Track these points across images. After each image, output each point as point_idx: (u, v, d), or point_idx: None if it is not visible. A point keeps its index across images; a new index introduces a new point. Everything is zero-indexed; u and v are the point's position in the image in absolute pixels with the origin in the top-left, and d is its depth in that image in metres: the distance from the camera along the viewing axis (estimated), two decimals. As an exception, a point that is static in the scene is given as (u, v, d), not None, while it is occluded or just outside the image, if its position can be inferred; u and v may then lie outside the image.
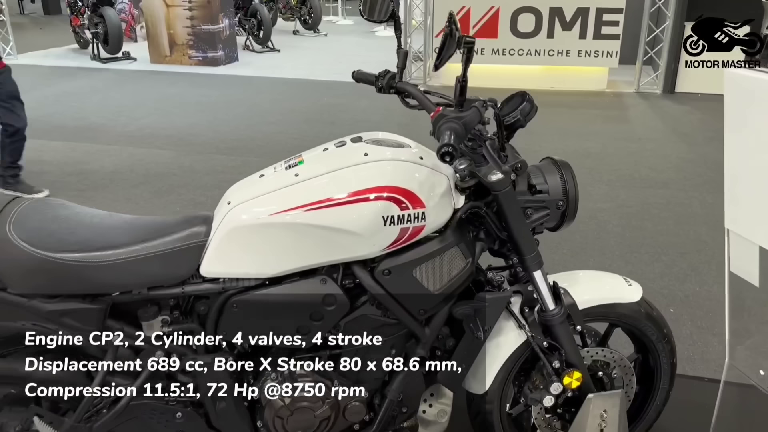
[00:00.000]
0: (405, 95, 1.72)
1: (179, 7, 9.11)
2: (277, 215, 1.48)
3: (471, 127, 1.41)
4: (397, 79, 1.73)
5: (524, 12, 7.53)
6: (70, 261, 1.44)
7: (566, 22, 7.49)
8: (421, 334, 1.62)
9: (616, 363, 1.94)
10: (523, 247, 1.65)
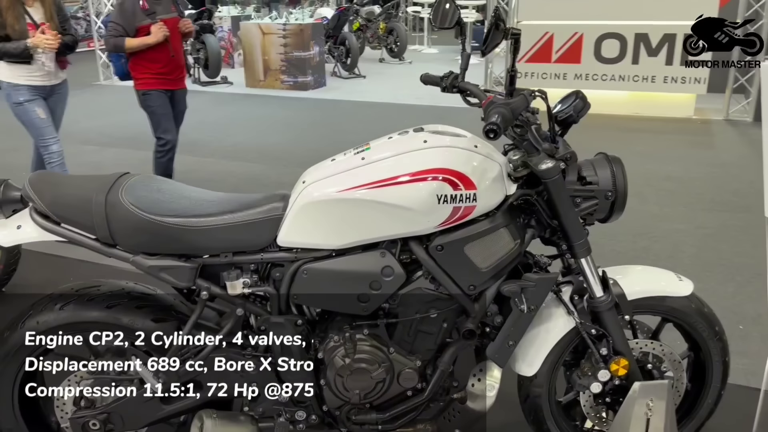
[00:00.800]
0: (467, 94, 1.89)
1: (274, 34, 9.69)
2: (344, 192, 1.67)
3: (518, 113, 1.55)
4: (459, 79, 1.90)
5: (608, 38, 7.54)
6: (169, 224, 1.69)
7: (652, 48, 7.43)
8: (470, 309, 1.76)
9: (665, 356, 1.99)
10: (572, 234, 1.77)
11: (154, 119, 4.43)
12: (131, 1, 4.06)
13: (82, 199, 1.69)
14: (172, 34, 4.19)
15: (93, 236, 1.71)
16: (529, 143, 1.67)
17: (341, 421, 1.86)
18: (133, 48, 4.12)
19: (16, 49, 3.59)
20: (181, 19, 4.34)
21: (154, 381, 1.73)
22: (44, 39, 3.62)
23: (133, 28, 4.09)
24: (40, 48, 3.65)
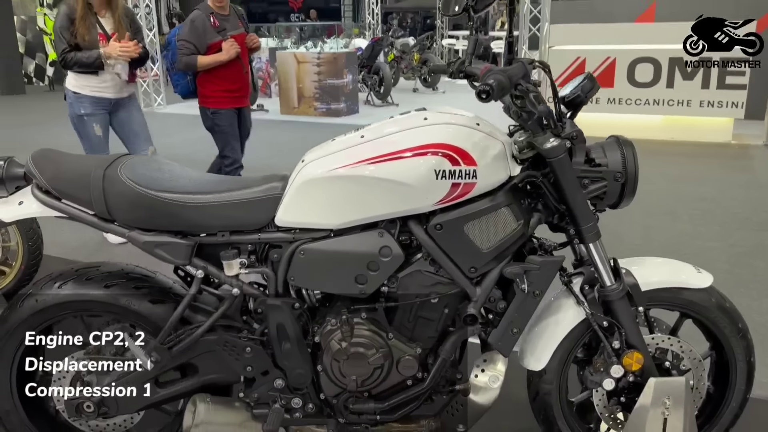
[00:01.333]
0: (473, 79, 1.85)
1: (309, 63, 9.86)
2: (342, 169, 1.64)
3: (515, 80, 1.50)
4: (466, 64, 1.87)
5: (642, 62, 7.45)
6: (166, 199, 1.68)
7: (687, 72, 7.30)
8: (471, 293, 1.69)
9: (684, 354, 1.88)
10: (579, 217, 1.69)
11: (221, 138, 4.40)
12: (201, 19, 4.08)
13: (81, 174, 1.70)
14: (241, 50, 4.19)
15: (91, 212, 1.71)
16: (531, 118, 1.61)
17: (338, 410, 1.79)
18: (205, 66, 4.11)
19: (88, 59, 3.55)
20: (247, 35, 4.33)
21: (146, 358, 1.70)
22: (119, 47, 3.58)
23: (204, 45, 4.09)
24: (113, 57, 3.61)
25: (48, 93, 13.36)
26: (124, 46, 3.58)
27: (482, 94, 1.41)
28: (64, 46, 3.48)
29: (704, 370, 1.91)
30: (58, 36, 3.52)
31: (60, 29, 3.51)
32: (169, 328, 1.72)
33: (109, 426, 1.90)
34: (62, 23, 3.51)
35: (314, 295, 1.79)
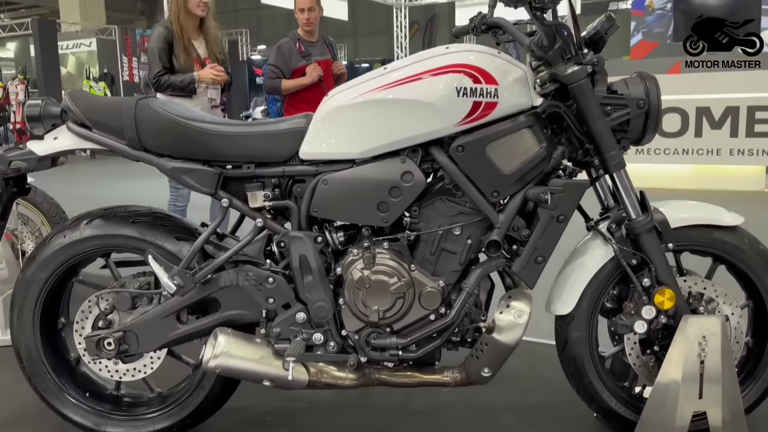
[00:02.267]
0: (495, 30, 1.90)
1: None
2: (364, 95, 1.68)
3: None
4: (488, 17, 1.93)
5: (669, 112, 7.48)
6: (194, 126, 1.72)
7: (715, 121, 7.31)
8: (494, 219, 1.67)
9: (719, 298, 1.81)
10: (603, 144, 1.69)
11: None
12: (288, 45, 4.22)
13: (115, 104, 1.76)
14: (325, 76, 4.22)
15: (123, 140, 1.76)
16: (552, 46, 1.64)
17: (360, 347, 1.75)
18: (288, 89, 4.23)
19: (182, 82, 3.60)
20: (333, 62, 4.36)
21: (169, 281, 1.69)
22: (212, 72, 3.65)
23: (290, 69, 4.21)
24: (206, 81, 3.67)
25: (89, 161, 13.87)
26: (217, 71, 3.66)
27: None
28: (159, 69, 3.53)
29: (741, 318, 1.82)
30: (153, 58, 3.57)
31: (156, 51, 3.56)
32: (193, 252, 1.73)
33: (129, 372, 1.87)
34: (159, 45, 3.56)
35: (337, 237, 1.79)
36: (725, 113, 7.29)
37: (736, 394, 1.74)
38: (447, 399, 2.19)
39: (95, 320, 1.84)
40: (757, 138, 7.17)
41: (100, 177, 9.95)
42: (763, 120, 7.13)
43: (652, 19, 13.28)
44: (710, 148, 7.39)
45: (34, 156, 1.78)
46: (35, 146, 1.80)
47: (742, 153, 7.28)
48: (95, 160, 13.57)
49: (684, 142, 7.47)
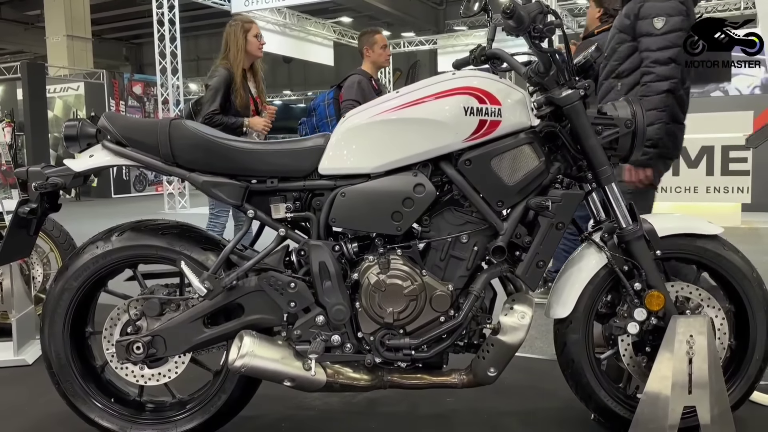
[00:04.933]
0: (494, 60, 2.09)
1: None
2: (379, 115, 1.86)
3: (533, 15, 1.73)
4: (487, 49, 2.12)
5: (646, 152, 7.79)
6: (223, 144, 1.88)
7: (691, 160, 7.63)
8: (499, 226, 1.84)
9: (704, 302, 1.97)
10: (595, 159, 1.87)
11: None
12: (366, 82, 4.40)
13: (150, 123, 1.92)
14: None
15: (157, 157, 1.90)
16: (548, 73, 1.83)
17: (375, 347, 1.87)
18: None
19: (233, 125, 3.72)
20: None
21: (199, 284, 1.82)
22: (263, 123, 3.83)
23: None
24: (256, 129, 3.83)
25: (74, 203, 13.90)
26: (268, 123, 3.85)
27: (506, 10, 1.65)
28: (216, 108, 3.65)
29: (724, 321, 1.98)
30: (212, 97, 3.69)
31: (216, 91, 3.69)
32: (222, 259, 1.87)
33: (153, 377, 1.97)
34: (219, 87, 3.70)
35: (352, 249, 1.93)
36: (701, 152, 7.61)
37: (722, 391, 1.88)
38: (453, 406, 2.31)
39: (124, 326, 1.95)
40: (732, 176, 7.49)
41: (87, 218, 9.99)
42: (736, 159, 7.46)
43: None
44: (687, 185, 7.69)
45: (71, 172, 1.91)
46: (72, 163, 1.93)
47: (718, 191, 7.58)
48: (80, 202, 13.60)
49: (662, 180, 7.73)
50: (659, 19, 2.46)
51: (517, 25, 1.70)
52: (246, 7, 11.85)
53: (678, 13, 2.48)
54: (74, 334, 2.01)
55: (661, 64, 2.47)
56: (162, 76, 11.54)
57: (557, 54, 1.82)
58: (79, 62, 17.25)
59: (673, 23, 2.47)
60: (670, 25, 2.47)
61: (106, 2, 21.31)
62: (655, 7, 2.49)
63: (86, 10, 17.93)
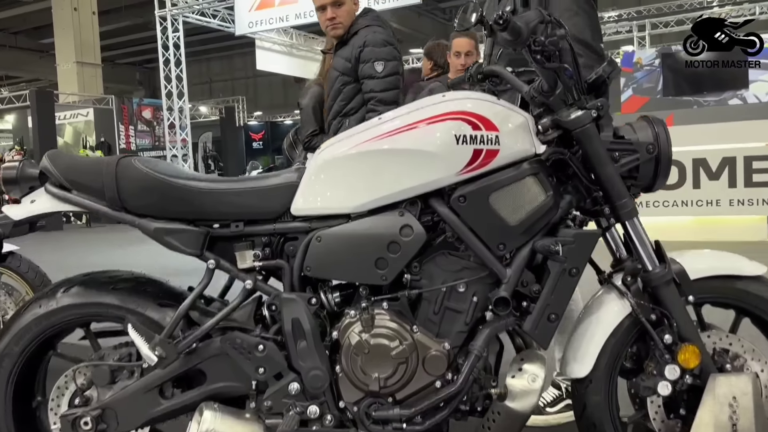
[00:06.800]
0: (493, 78, 1.83)
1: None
2: (358, 146, 1.59)
3: (531, 26, 1.47)
4: (484, 65, 1.87)
5: (666, 164, 7.47)
6: (178, 184, 1.63)
7: (712, 172, 7.30)
8: (501, 274, 1.56)
9: (746, 354, 1.68)
10: (612, 192, 1.60)
11: None
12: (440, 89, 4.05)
13: (94, 164, 1.68)
14: None
15: (103, 201, 1.66)
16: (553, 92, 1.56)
17: (360, 420, 1.60)
18: None
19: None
20: None
21: (149, 351, 1.56)
22: None
23: None
24: None
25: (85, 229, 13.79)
26: None
27: (499, 20, 1.38)
28: (314, 128, 3.45)
29: (772, 375, 1.68)
30: (308, 117, 3.51)
31: (311, 110, 3.49)
32: (176, 320, 1.61)
33: (107, 453, 1.71)
34: (315, 104, 3.49)
35: (333, 298, 1.66)
36: (722, 164, 7.28)
37: (773, 460, 1.58)
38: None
39: (72, 397, 1.70)
40: (756, 188, 7.14)
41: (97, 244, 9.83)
42: (760, 170, 7.12)
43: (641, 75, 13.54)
44: (709, 198, 7.35)
45: (9, 221, 1.68)
46: (11, 211, 1.70)
47: (741, 203, 7.23)
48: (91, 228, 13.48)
49: (682, 193, 7.43)
50: (379, 63, 2.73)
51: (514, 39, 1.44)
52: (250, 29, 11.71)
53: (393, 58, 2.80)
54: (20, 404, 1.76)
55: (385, 104, 2.71)
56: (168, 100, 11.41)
57: (564, 70, 1.54)
58: (89, 88, 17.27)
59: (391, 67, 2.77)
60: (389, 68, 2.76)
61: (118, 28, 21.44)
62: (374, 52, 2.75)
63: (96, 36, 17.97)
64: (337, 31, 2.90)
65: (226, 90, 29.15)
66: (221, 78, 30.69)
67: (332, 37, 2.95)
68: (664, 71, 12.62)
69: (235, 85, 29.83)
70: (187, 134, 11.67)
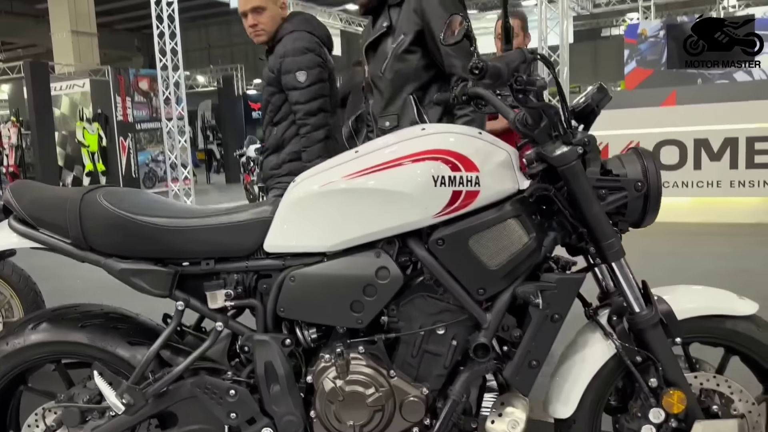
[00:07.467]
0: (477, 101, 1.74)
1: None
2: (333, 183, 1.52)
3: (513, 67, 1.39)
4: (469, 86, 1.77)
5: (667, 144, 7.36)
6: (145, 222, 1.56)
7: (714, 153, 7.18)
8: (481, 319, 1.50)
9: (734, 395, 1.63)
10: (598, 232, 1.52)
11: None
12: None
13: (59, 199, 1.60)
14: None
15: (68, 239, 1.59)
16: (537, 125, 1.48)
17: (335, 465, 1.56)
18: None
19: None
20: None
21: (116, 400, 1.51)
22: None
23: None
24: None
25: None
26: None
27: (474, 69, 1.30)
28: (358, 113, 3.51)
29: (760, 416, 1.64)
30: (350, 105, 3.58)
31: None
32: (143, 365, 1.55)
33: (79, 492, 1.68)
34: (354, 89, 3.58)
35: (309, 335, 1.61)
36: (724, 144, 7.17)
37: (760, 505, 1.55)
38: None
39: (41, 437, 1.65)
40: (758, 169, 7.04)
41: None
42: (762, 151, 7.01)
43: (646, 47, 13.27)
44: (710, 180, 7.26)
45: None
46: None
47: (742, 185, 7.14)
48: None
49: (683, 174, 7.34)
50: (301, 72, 2.58)
51: (494, 81, 1.35)
52: None
53: (316, 65, 2.62)
54: None
55: (312, 115, 2.61)
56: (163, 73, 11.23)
57: (549, 107, 1.46)
58: (85, 58, 17.00)
59: (314, 75, 2.61)
60: (311, 77, 2.60)
61: (114, -8, 21.05)
62: (294, 62, 2.60)
63: (90, 5, 17.62)
64: (260, 38, 2.75)
65: (225, 57, 28.74)
66: (220, 44, 30.23)
67: (257, 44, 2.80)
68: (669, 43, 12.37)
69: (234, 52, 29.39)
70: (183, 108, 11.50)
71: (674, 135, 7.33)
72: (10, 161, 14.32)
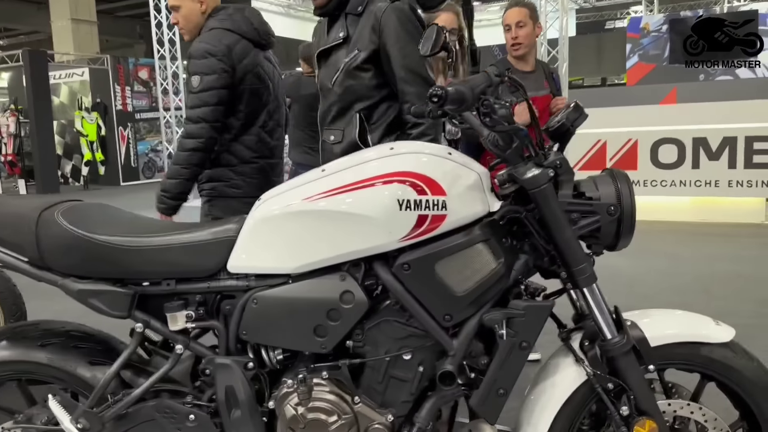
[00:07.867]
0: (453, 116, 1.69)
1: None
2: (298, 204, 1.47)
3: (478, 91, 1.34)
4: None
5: (665, 143, 7.29)
6: (102, 242, 1.52)
7: (712, 152, 7.12)
8: (448, 346, 1.46)
9: (708, 423, 1.59)
10: (569, 257, 1.48)
11: None
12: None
13: (17, 216, 1.56)
14: (542, 116, 3.15)
15: (25, 258, 1.55)
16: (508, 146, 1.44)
17: (297, 492, 1.52)
18: None
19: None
20: (554, 98, 3.33)
21: (71, 425, 1.47)
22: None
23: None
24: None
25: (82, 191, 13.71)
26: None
27: (433, 98, 1.25)
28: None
29: (734, 444, 1.60)
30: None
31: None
32: (101, 388, 1.52)
33: None
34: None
35: (275, 357, 1.57)
36: (723, 144, 7.10)
37: None
38: None
39: (1, 458, 1.62)
40: (756, 169, 6.97)
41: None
42: (761, 150, 6.94)
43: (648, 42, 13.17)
44: (708, 179, 7.19)
45: None
46: None
47: (741, 184, 7.08)
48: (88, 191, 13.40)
49: (681, 173, 7.27)
50: (196, 77, 2.38)
51: (457, 107, 1.30)
52: (245, -11, 11.36)
53: (212, 71, 2.37)
54: None
55: (191, 122, 2.38)
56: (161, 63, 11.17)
57: (519, 130, 1.41)
58: (84, 46, 16.90)
59: (208, 82, 2.37)
60: (204, 83, 2.37)
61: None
62: (194, 64, 2.40)
63: (90, -8, 17.51)
64: (185, 37, 2.62)
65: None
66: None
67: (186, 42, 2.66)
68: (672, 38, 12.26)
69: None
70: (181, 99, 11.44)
71: (673, 133, 7.26)
72: (8, 150, 14.26)
